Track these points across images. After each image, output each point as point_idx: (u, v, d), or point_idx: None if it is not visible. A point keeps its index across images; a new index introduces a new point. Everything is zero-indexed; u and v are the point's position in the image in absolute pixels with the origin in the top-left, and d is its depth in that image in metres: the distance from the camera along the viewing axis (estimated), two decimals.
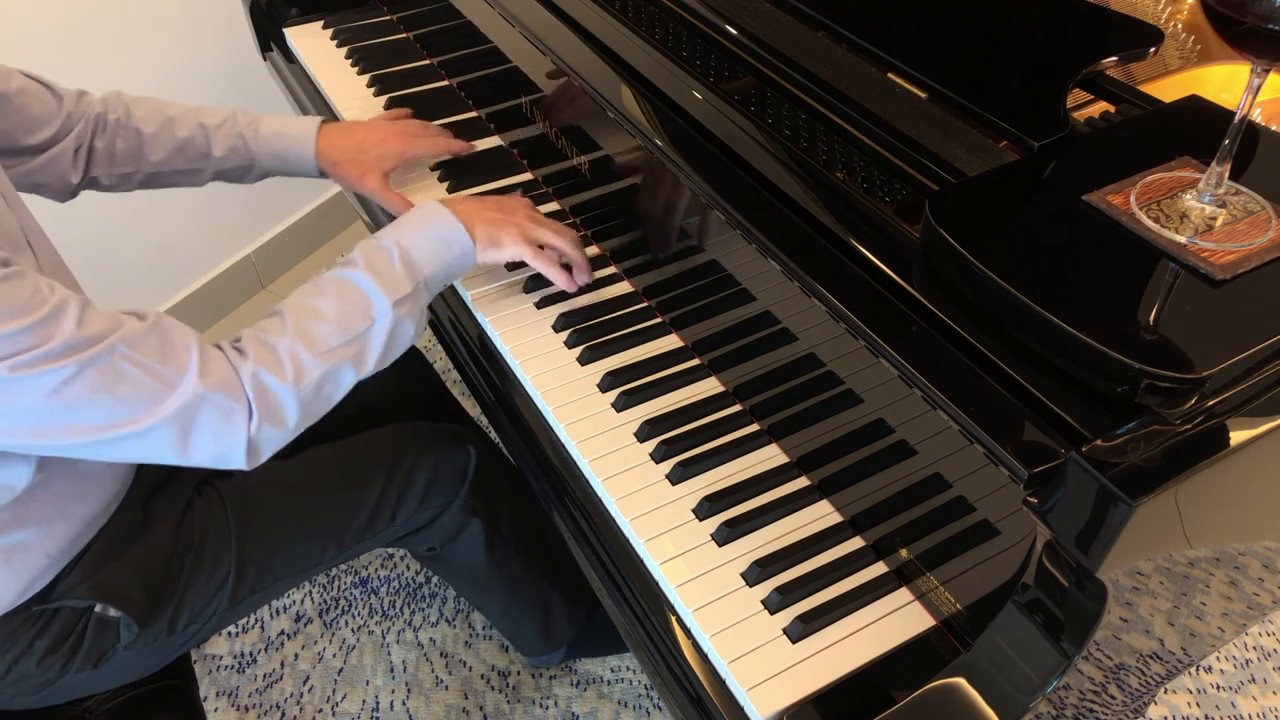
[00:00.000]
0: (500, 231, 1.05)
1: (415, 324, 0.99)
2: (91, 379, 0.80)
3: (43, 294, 0.79)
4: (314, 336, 0.92)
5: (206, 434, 0.86)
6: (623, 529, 0.91)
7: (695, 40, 1.07)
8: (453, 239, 1.02)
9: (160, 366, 0.84)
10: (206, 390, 0.85)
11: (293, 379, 0.89)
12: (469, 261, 1.04)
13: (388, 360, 0.98)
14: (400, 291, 0.96)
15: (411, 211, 1.04)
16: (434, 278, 1.01)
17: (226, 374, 0.87)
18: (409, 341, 1.00)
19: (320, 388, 0.92)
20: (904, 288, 0.77)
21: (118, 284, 2.01)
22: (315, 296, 0.95)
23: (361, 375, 0.96)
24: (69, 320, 0.79)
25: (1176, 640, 0.89)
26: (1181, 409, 0.64)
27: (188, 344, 0.86)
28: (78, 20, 1.77)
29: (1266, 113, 1.03)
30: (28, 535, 0.93)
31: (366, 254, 0.98)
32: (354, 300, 0.95)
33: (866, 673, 0.80)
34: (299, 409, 0.91)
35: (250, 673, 1.62)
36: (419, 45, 1.58)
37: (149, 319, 0.86)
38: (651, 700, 1.56)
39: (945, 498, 0.79)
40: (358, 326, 0.94)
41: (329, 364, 0.92)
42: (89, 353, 0.80)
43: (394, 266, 0.97)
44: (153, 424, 0.83)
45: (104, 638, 0.99)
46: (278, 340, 0.90)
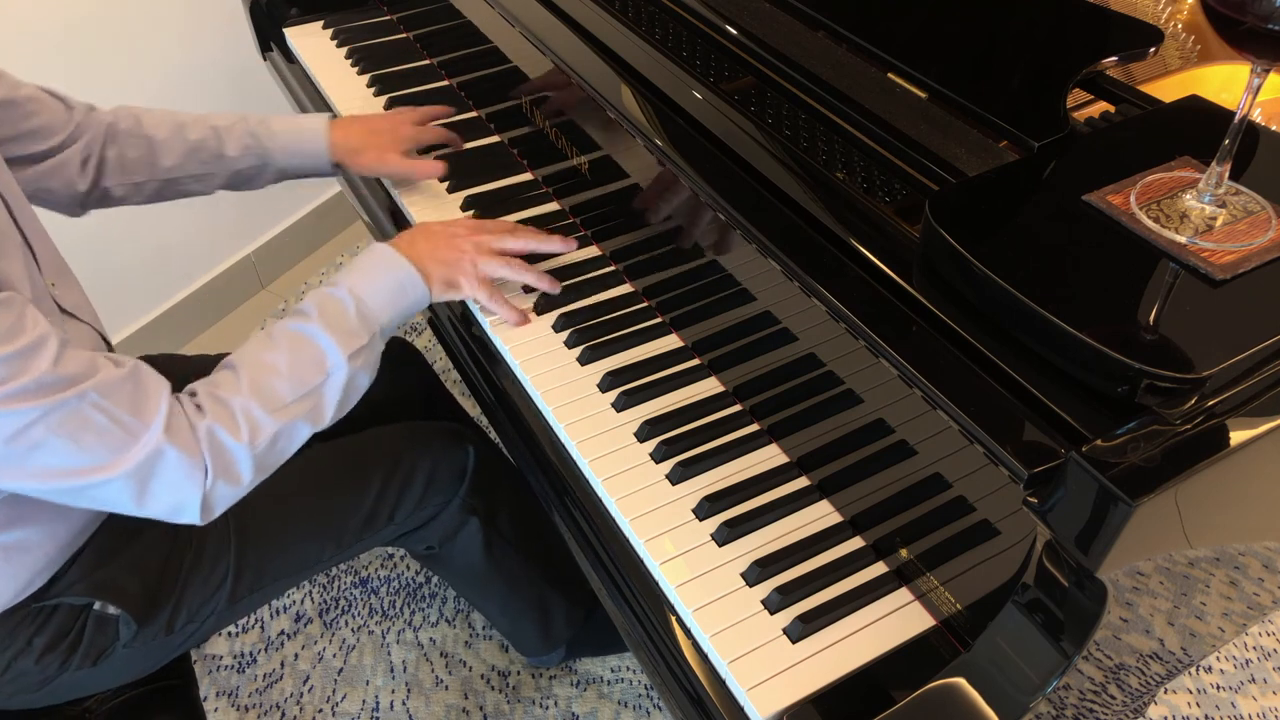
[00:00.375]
0: (454, 274, 1.06)
1: (370, 373, 0.99)
2: (57, 423, 0.79)
3: (24, 325, 0.78)
4: (268, 393, 0.91)
5: (163, 488, 0.85)
6: (623, 529, 0.91)
7: (695, 40, 1.07)
8: (408, 285, 1.02)
9: (128, 417, 0.83)
10: (167, 445, 0.84)
11: (247, 438, 0.89)
12: (423, 305, 1.05)
13: (344, 411, 0.98)
14: (356, 343, 0.96)
15: (364, 256, 1.03)
16: (389, 325, 1.01)
17: (186, 430, 0.86)
18: (363, 391, 1.00)
19: (274, 444, 0.91)
20: (904, 288, 0.77)
21: (118, 284, 2.01)
22: (270, 351, 0.94)
23: (318, 428, 0.96)
24: (45, 358, 0.78)
25: (1176, 640, 0.89)
26: (1181, 409, 0.64)
27: (160, 395, 0.86)
28: (78, 20, 1.77)
29: (1266, 113, 1.03)
30: (28, 533, 0.93)
31: (321, 305, 0.97)
32: (309, 355, 0.94)
33: (866, 673, 0.80)
34: (253, 466, 0.90)
35: (250, 673, 1.62)
36: (419, 45, 1.58)
37: (126, 367, 0.85)
38: (651, 700, 1.56)
39: (945, 498, 0.79)
40: (312, 381, 0.94)
41: (283, 421, 0.91)
42: (59, 396, 0.79)
43: (349, 317, 0.97)
44: (113, 476, 0.82)
45: (103, 635, 0.99)
46: (232, 398, 0.90)
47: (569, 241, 1.14)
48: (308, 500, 1.13)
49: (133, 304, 2.08)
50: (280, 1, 1.64)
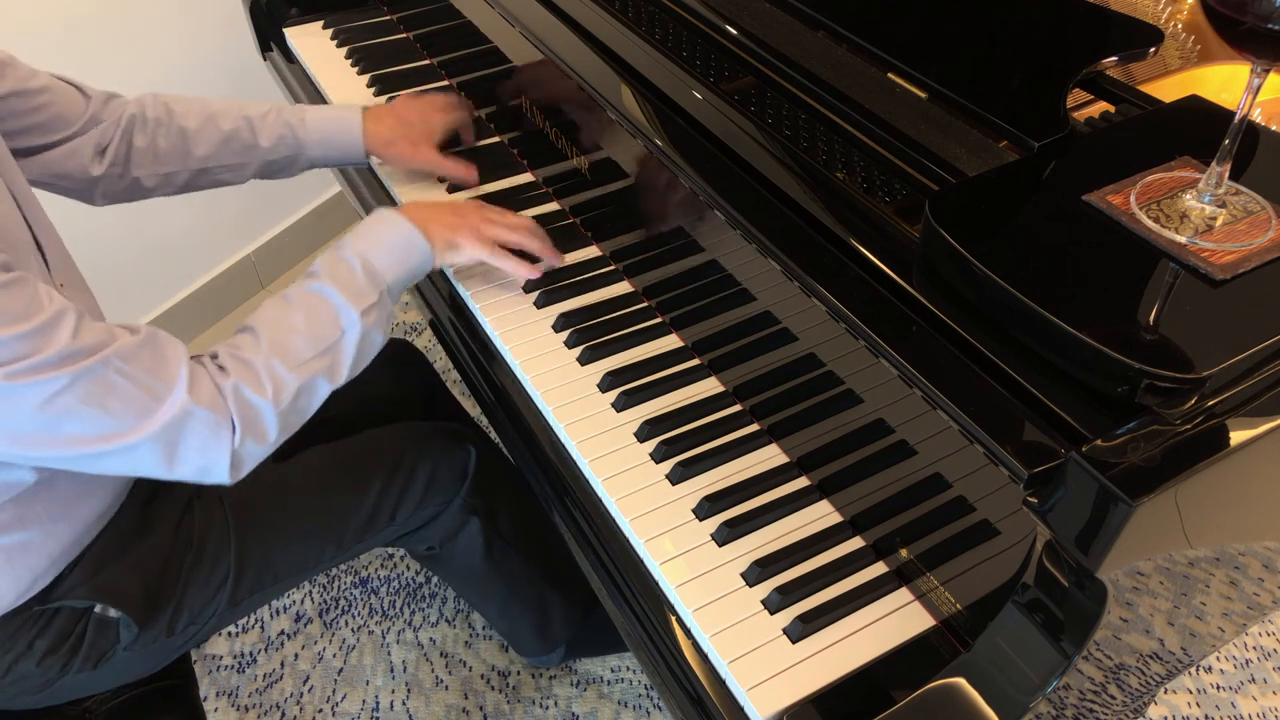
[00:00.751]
0: (456, 235, 1.07)
1: (382, 331, 1.01)
2: (83, 390, 0.80)
3: (40, 302, 0.79)
4: (288, 350, 0.92)
5: (192, 449, 0.87)
6: (623, 529, 0.91)
7: (695, 40, 1.07)
8: (411, 245, 1.04)
9: (151, 380, 0.84)
10: (194, 406, 0.85)
11: (272, 394, 0.90)
12: (428, 265, 1.06)
13: (358, 369, 0.99)
14: (366, 301, 0.97)
15: (367, 220, 1.05)
16: (395, 284, 1.02)
17: (211, 390, 0.87)
18: (377, 348, 1.01)
19: (297, 400, 0.93)
20: (904, 288, 0.77)
21: (118, 284, 2.01)
22: (285, 311, 0.95)
23: (335, 385, 0.97)
24: (65, 330, 0.79)
25: (1176, 640, 0.89)
26: (1181, 409, 0.64)
27: (179, 358, 0.87)
28: (78, 20, 1.77)
29: (1266, 113, 1.03)
30: (30, 535, 0.93)
31: (330, 266, 0.99)
32: (323, 313, 0.96)
33: (866, 673, 0.80)
34: (278, 424, 0.91)
35: (250, 673, 1.62)
36: (419, 45, 1.58)
37: (141, 333, 0.86)
38: (651, 700, 1.56)
39: (945, 498, 0.79)
40: (329, 338, 0.95)
41: (304, 376, 0.93)
42: (83, 364, 0.80)
43: (357, 277, 0.98)
44: (141, 438, 0.83)
45: (104, 638, 0.99)
46: (254, 356, 0.91)
47: (560, 257, 1.15)
48: (309, 501, 1.13)
49: (133, 303, 2.08)
50: (280, 1, 1.65)
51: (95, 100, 1.13)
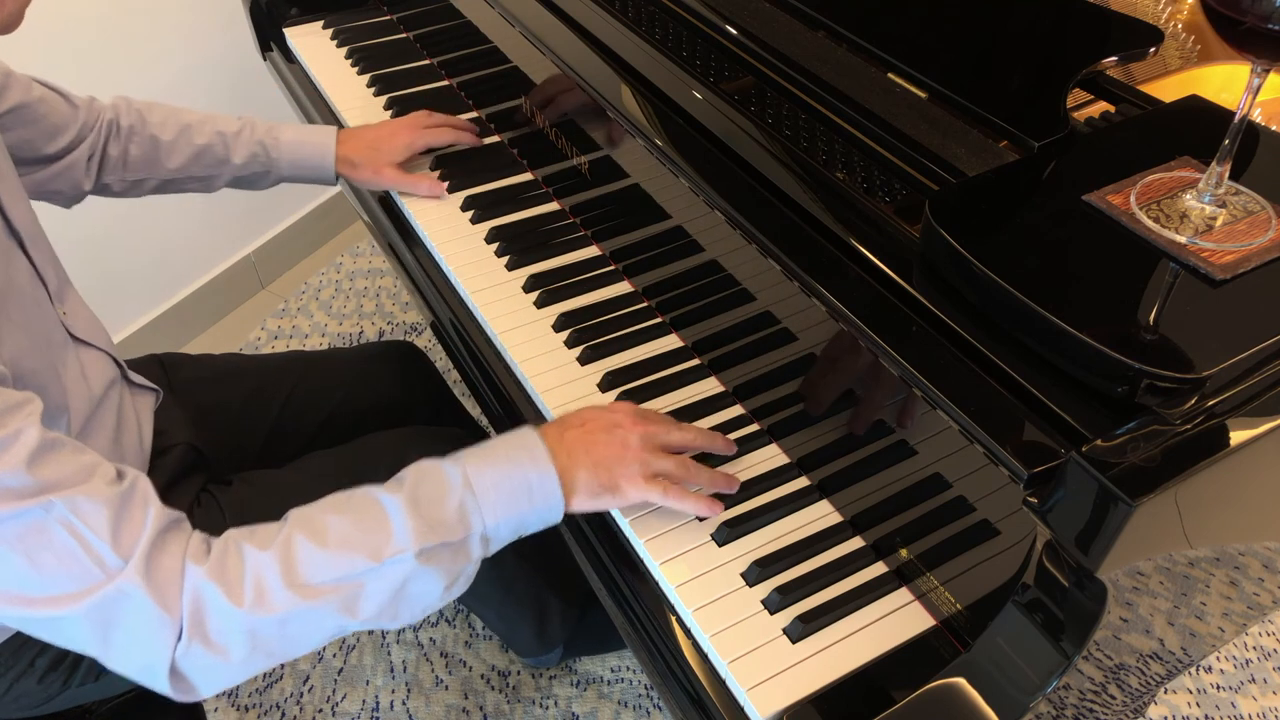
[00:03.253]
0: (615, 476, 0.84)
1: (446, 583, 0.78)
2: (13, 535, 0.68)
3: (3, 419, 0.68)
4: (295, 562, 0.74)
5: (132, 639, 0.71)
6: (622, 529, 0.91)
7: (695, 40, 1.07)
8: (537, 489, 0.80)
9: (99, 544, 0.69)
10: (137, 587, 0.69)
11: (250, 603, 0.72)
12: (552, 518, 0.82)
13: (398, 620, 0.78)
14: (438, 538, 0.76)
15: (507, 436, 0.83)
16: (498, 532, 0.79)
17: (169, 575, 0.71)
18: (428, 606, 0.79)
19: (284, 626, 0.74)
20: (904, 288, 0.77)
21: (118, 284, 2.01)
22: (331, 512, 0.78)
23: (352, 626, 0.77)
24: (15, 455, 0.67)
25: (1176, 640, 0.89)
26: (1181, 409, 0.64)
27: (145, 523, 0.72)
28: (78, 20, 1.77)
29: (1266, 113, 1.03)
30: None
31: (421, 476, 0.79)
32: (370, 532, 0.75)
33: (866, 673, 0.80)
34: (247, 641, 0.73)
35: None
36: (419, 45, 1.58)
37: (123, 485, 0.73)
38: (651, 700, 1.56)
39: (945, 498, 0.79)
40: (356, 567, 0.74)
41: (302, 602, 0.73)
42: (20, 504, 0.67)
43: (447, 502, 0.77)
44: (68, 611, 0.69)
45: None
46: (253, 553, 0.74)
47: (732, 445, 0.93)
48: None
49: (133, 304, 2.08)
50: (280, 1, 1.65)
51: (82, 108, 1.13)
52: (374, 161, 1.25)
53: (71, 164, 1.11)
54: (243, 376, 1.24)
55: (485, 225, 1.23)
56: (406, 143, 1.27)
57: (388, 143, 1.26)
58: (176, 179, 1.21)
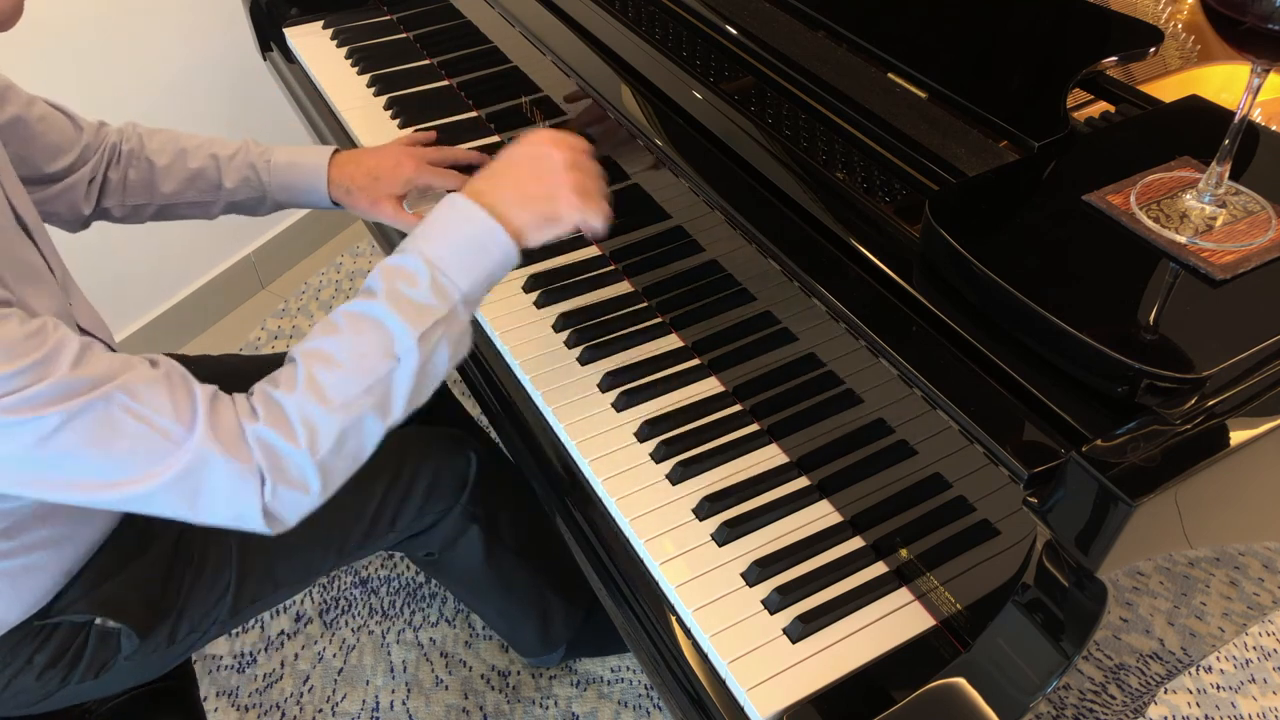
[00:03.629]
0: (553, 205, 0.89)
1: (452, 349, 0.86)
2: (83, 430, 0.73)
3: (40, 336, 0.73)
4: (328, 389, 0.81)
5: (218, 498, 0.78)
6: (623, 529, 0.91)
7: (695, 40, 1.07)
8: (490, 242, 0.87)
9: (164, 421, 0.75)
10: (212, 451, 0.76)
11: (306, 443, 0.79)
12: (513, 261, 0.89)
13: (420, 400, 0.86)
14: (430, 318, 0.83)
15: (437, 213, 0.88)
16: (472, 292, 0.87)
17: (235, 435, 0.78)
18: (443, 372, 0.87)
19: (342, 445, 0.82)
20: (904, 288, 0.77)
21: (118, 284, 2.01)
22: (330, 337, 0.84)
23: (390, 423, 0.85)
24: (63, 362, 0.73)
25: (1176, 640, 0.89)
26: (1181, 409, 0.64)
27: (197, 396, 0.78)
28: (78, 21, 1.77)
29: (1266, 113, 1.03)
30: (35, 558, 0.92)
31: (388, 278, 0.85)
32: (374, 341, 0.83)
33: (866, 673, 0.80)
34: (319, 473, 0.81)
35: (250, 673, 1.62)
36: (419, 45, 1.58)
37: (161, 368, 0.79)
38: (651, 700, 1.56)
39: (945, 498, 0.79)
40: (378, 371, 0.82)
41: (347, 418, 0.81)
42: (81, 399, 0.72)
43: (420, 289, 0.84)
44: (154, 485, 0.76)
45: (105, 649, 0.99)
46: (288, 397, 0.80)
47: None
48: None
49: (133, 304, 2.08)
50: (280, 1, 1.65)
51: (87, 130, 1.12)
52: (372, 192, 1.19)
53: (71, 186, 1.10)
54: (241, 377, 1.24)
55: None
56: (410, 176, 1.20)
57: (390, 173, 1.19)
58: (174, 204, 1.18)
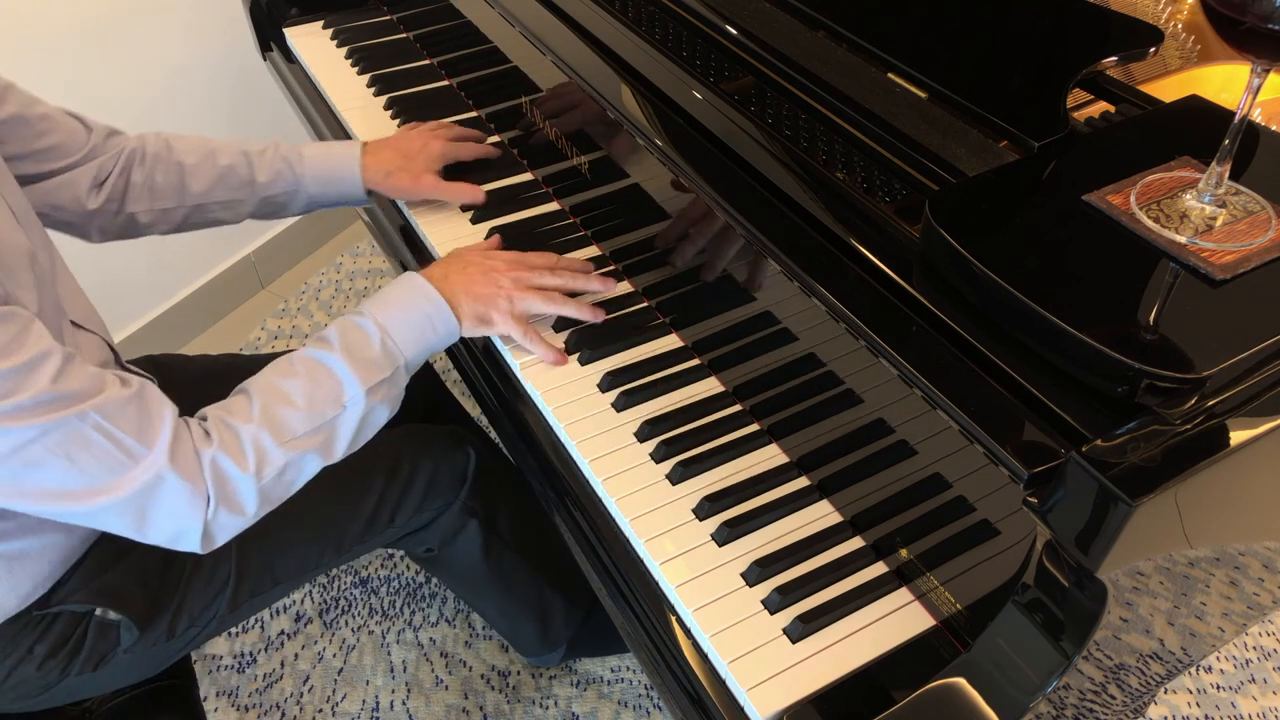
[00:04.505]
0: (489, 309, 1.02)
1: (390, 407, 0.97)
2: (55, 442, 0.77)
3: (24, 342, 0.76)
4: (280, 423, 0.89)
5: (163, 516, 0.84)
6: (623, 529, 0.91)
7: (695, 40, 1.07)
8: (436, 319, 0.99)
9: (130, 440, 0.80)
10: (169, 472, 0.82)
11: (254, 469, 0.87)
12: (452, 340, 1.02)
13: (357, 445, 0.96)
14: (377, 376, 0.94)
15: (394, 285, 1.00)
16: (414, 360, 0.98)
17: (191, 458, 0.84)
18: (380, 425, 0.97)
19: (282, 476, 0.90)
20: (904, 288, 0.77)
21: (118, 284, 2.01)
22: (286, 378, 0.92)
23: (328, 462, 0.94)
24: (45, 373, 0.76)
25: (1176, 640, 0.89)
26: (1181, 409, 0.64)
27: (164, 419, 0.83)
28: (79, 21, 1.77)
29: (1266, 113, 1.03)
30: (30, 543, 0.92)
31: (344, 333, 0.95)
32: (326, 385, 0.92)
33: (866, 673, 0.80)
34: (257, 498, 0.88)
35: (250, 673, 1.62)
36: (419, 45, 1.58)
37: (132, 387, 0.83)
38: (651, 700, 1.56)
39: (945, 498, 0.79)
40: (327, 413, 0.91)
41: (293, 453, 0.89)
42: (58, 414, 0.76)
43: (372, 348, 0.94)
44: (110, 500, 0.80)
45: (104, 641, 0.99)
46: (242, 426, 0.88)
47: (609, 282, 1.09)
48: (309, 504, 1.12)
49: (133, 304, 2.08)
50: (280, 1, 1.65)
51: (97, 133, 1.12)
52: (411, 169, 1.21)
53: (70, 181, 1.10)
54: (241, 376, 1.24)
55: (485, 225, 1.23)
56: (441, 152, 1.24)
57: (422, 152, 1.23)
58: (204, 204, 1.18)
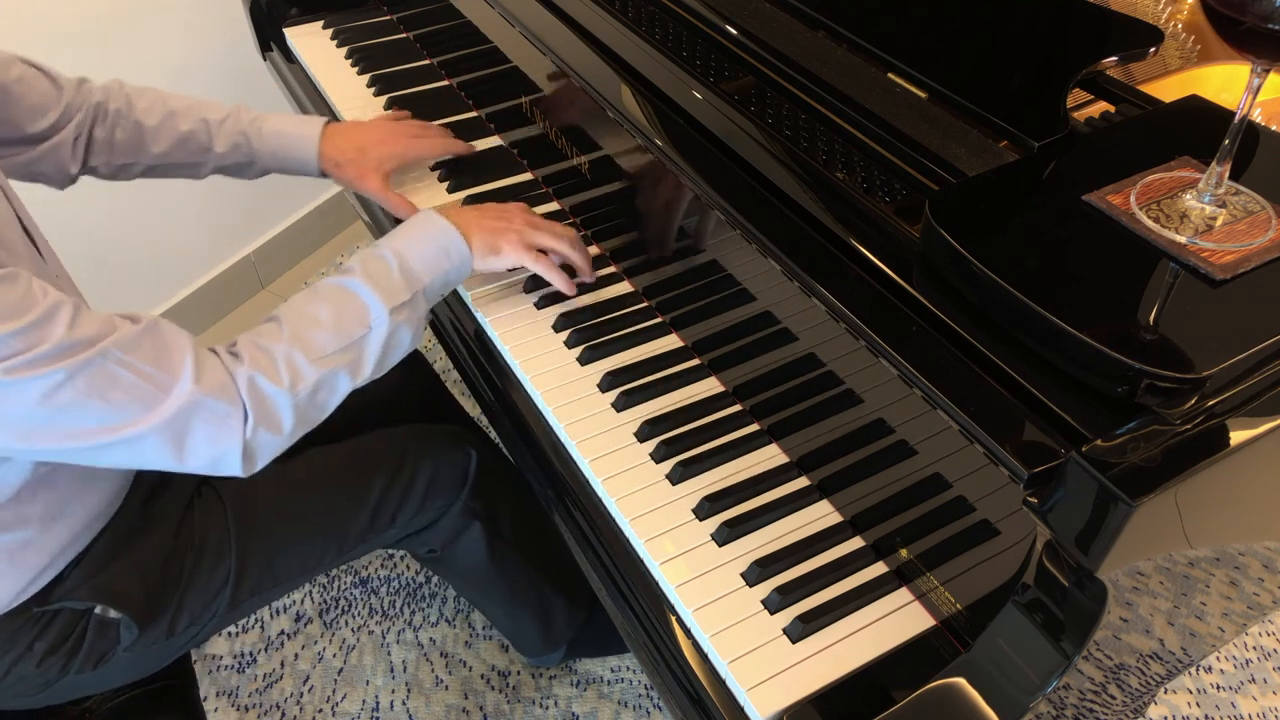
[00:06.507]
0: (498, 239, 1.05)
1: (413, 331, 0.99)
2: (83, 383, 0.79)
3: (34, 296, 0.78)
4: (310, 343, 0.91)
5: (202, 439, 0.86)
6: (623, 529, 0.91)
7: (695, 40, 1.07)
8: (450, 247, 1.02)
9: (155, 370, 0.83)
10: (201, 395, 0.84)
11: (288, 384, 0.89)
12: (467, 269, 1.04)
13: (384, 368, 0.98)
14: (398, 299, 0.96)
15: (409, 220, 1.04)
16: (432, 286, 1.01)
17: (222, 378, 0.86)
18: (406, 349, 1.00)
19: (315, 394, 0.92)
20: (904, 288, 0.77)
21: (118, 284, 2.01)
22: (312, 303, 0.95)
23: (357, 382, 0.96)
24: (60, 323, 0.79)
25: (1176, 640, 0.89)
26: (1181, 409, 0.64)
27: (182, 347, 0.86)
28: (78, 21, 1.77)
29: (1266, 113, 1.03)
30: (28, 534, 0.93)
31: (364, 262, 0.98)
32: (351, 307, 0.95)
33: (866, 673, 0.80)
34: (294, 414, 0.90)
35: (250, 673, 1.62)
36: (419, 45, 1.58)
37: (143, 322, 0.85)
38: (651, 700, 1.56)
39: (945, 498, 0.79)
40: (354, 333, 0.94)
41: (325, 370, 0.92)
42: (81, 357, 0.79)
43: (392, 274, 0.97)
44: (147, 429, 0.82)
45: (104, 639, 0.99)
46: (274, 345, 0.90)
47: (593, 274, 1.13)
48: (310, 503, 1.13)
49: (132, 304, 2.08)
50: (280, 1, 1.65)
51: (68, 88, 1.13)
52: (360, 165, 1.22)
53: (57, 145, 1.11)
54: None
55: None
56: (399, 152, 1.24)
57: (377, 149, 1.23)
58: (162, 165, 1.20)
